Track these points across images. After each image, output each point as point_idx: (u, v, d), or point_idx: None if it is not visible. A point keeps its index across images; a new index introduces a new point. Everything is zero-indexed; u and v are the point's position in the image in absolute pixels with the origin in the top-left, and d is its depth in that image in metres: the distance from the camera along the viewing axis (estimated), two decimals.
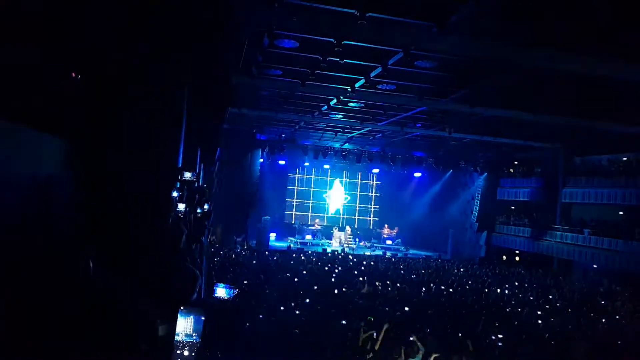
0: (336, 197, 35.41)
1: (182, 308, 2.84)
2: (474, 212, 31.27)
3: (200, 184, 9.02)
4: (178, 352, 2.80)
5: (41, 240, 2.95)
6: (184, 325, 2.85)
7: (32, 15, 3.05)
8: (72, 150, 3.69)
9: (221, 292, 5.25)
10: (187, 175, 5.97)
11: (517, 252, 28.99)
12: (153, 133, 4.30)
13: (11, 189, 2.86)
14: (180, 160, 5.77)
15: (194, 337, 2.83)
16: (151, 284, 3.32)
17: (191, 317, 2.86)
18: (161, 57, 4.28)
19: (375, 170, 34.00)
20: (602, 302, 16.20)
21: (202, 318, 2.86)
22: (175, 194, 5.25)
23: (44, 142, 3.29)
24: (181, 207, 5.82)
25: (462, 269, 23.05)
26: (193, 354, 2.81)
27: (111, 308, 2.74)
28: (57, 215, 3.44)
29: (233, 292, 5.17)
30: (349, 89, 15.88)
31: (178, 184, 5.43)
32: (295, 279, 14.87)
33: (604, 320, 12.96)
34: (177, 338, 2.81)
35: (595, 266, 23.77)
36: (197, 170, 7.65)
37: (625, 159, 23.45)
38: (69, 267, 2.85)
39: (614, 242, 21.78)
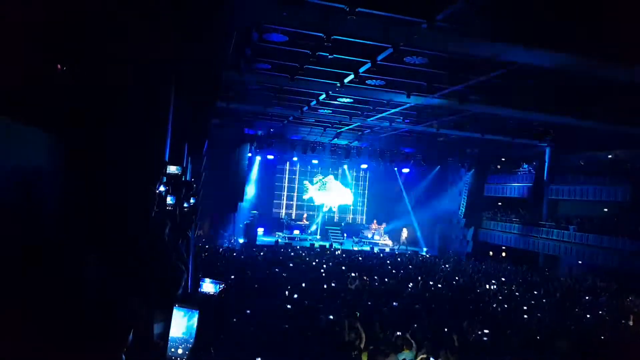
0: (330, 194, 35.37)
1: (176, 305, 2.79)
2: (461, 208, 31.49)
3: (187, 178, 8.95)
4: (172, 350, 2.75)
5: (27, 235, 2.89)
6: (178, 323, 2.80)
7: (21, 9, 2.99)
8: (58, 144, 3.63)
9: (208, 287, 5.22)
10: (172, 169, 5.91)
11: (503, 247, 29.27)
12: (139, 127, 4.25)
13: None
14: (167, 154, 5.71)
15: (188, 335, 2.79)
16: (138, 279, 3.28)
17: (185, 314, 2.82)
18: (149, 50, 4.22)
19: (364, 166, 34.03)
20: (587, 298, 16.42)
21: (196, 315, 2.82)
22: (162, 188, 5.20)
23: (30, 136, 3.23)
24: (169, 200, 5.77)
25: (448, 265, 23.22)
26: (187, 352, 2.77)
27: (101, 305, 2.70)
28: (43, 210, 3.39)
29: (219, 287, 5.14)
30: (338, 84, 15.85)
31: (164, 178, 5.38)
32: (284, 274, 14.86)
33: (588, 315, 13.13)
34: (171, 335, 2.76)
35: (580, 262, 24.09)
36: (184, 165, 7.57)
37: (610, 156, 23.76)
38: (57, 263, 2.80)
39: (598, 239, 22.09)
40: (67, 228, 3.31)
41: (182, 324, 2.84)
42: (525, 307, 13.23)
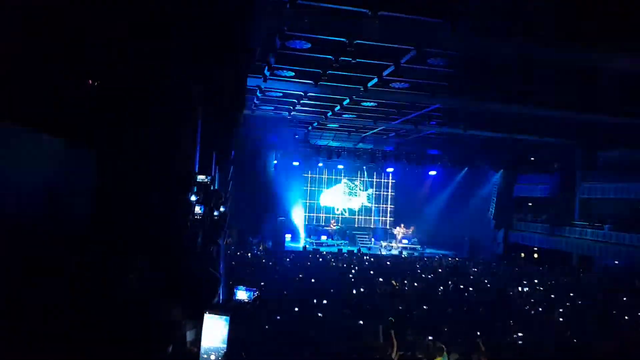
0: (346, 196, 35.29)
1: (207, 312, 2.82)
2: (490, 209, 30.95)
3: (215, 187, 9.06)
4: (204, 356, 2.77)
5: (58, 244, 2.96)
6: (210, 330, 2.83)
7: (47, 21, 3.07)
8: (90, 157, 3.72)
9: (242, 294, 5.24)
10: (201, 178, 6.00)
11: (535, 249, 28.63)
12: (169, 138, 4.33)
13: (30, 195, 2.89)
14: (197, 164, 5.79)
15: (221, 342, 2.81)
16: (173, 288, 3.32)
17: (217, 321, 2.84)
18: (176, 62, 4.30)
19: (390, 170, 33.82)
20: (625, 299, 15.90)
21: (228, 322, 2.83)
22: (193, 197, 5.28)
23: (61, 150, 3.31)
24: (198, 210, 5.85)
25: (479, 267, 22.84)
26: (219, 358, 2.78)
27: (134, 313, 2.74)
28: (75, 220, 3.46)
29: (253, 295, 5.16)
30: (362, 89, 15.83)
31: (195, 187, 5.46)
32: (312, 280, 14.85)
33: (627, 317, 12.70)
34: (203, 343, 2.78)
35: (616, 262, 23.37)
36: (213, 174, 7.67)
37: None
38: (87, 272, 2.86)
39: (635, 238, 21.40)
40: (98, 238, 3.38)
41: (214, 330, 2.86)
42: (560, 310, 12.89)
